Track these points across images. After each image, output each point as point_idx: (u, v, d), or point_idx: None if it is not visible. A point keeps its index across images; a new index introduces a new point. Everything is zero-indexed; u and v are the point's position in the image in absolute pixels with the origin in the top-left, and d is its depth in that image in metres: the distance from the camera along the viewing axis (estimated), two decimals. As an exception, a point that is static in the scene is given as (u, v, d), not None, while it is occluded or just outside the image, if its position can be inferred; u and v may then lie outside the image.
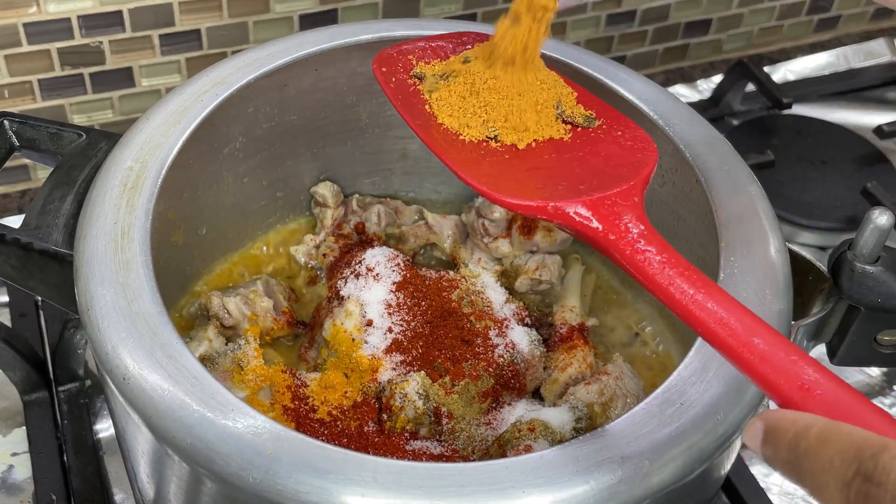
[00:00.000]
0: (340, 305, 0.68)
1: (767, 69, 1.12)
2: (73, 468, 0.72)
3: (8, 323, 0.81)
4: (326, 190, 0.79)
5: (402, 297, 0.68)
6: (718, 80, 1.09)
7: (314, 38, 0.72)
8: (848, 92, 1.12)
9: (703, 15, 1.13)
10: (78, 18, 0.86)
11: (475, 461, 0.60)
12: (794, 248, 0.63)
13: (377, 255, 0.71)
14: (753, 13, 1.15)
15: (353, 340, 0.66)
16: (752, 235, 0.61)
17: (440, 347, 0.66)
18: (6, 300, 0.83)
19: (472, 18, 1.00)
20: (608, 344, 0.73)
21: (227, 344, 0.67)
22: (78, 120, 0.93)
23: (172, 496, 0.54)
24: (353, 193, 0.81)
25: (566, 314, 0.71)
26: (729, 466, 0.58)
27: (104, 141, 0.66)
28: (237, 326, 0.69)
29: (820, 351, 0.67)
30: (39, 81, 0.89)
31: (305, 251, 0.77)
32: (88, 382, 0.77)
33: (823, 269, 0.63)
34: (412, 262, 0.74)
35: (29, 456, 0.73)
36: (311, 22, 0.94)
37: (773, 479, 0.76)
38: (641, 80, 0.71)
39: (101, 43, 0.89)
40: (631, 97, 0.69)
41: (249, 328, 0.69)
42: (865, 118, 1.08)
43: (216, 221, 0.74)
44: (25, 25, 0.85)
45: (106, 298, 0.55)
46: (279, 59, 0.70)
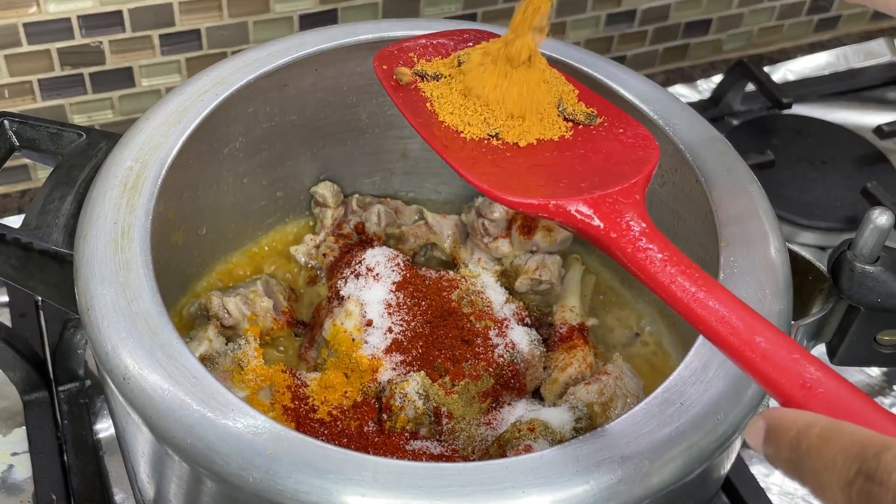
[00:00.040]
0: (340, 305, 0.68)
1: (767, 69, 1.12)
2: (73, 468, 0.72)
3: (8, 323, 0.81)
4: (326, 190, 0.79)
5: (402, 297, 0.68)
6: (718, 80, 1.09)
7: (314, 38, 0.72)
8: (848, 92, 1.12)
9: (703, 15, 1.13)
10: (78, 18, 0.86)
11: (475, 461, 0.60)
12: (794, 248, 0.63)
13: (377, 255, 0.71)
14: (753, 13, 1.15)
15: (353, 340, 0.66)
16: (752, 235, 0.61)
17: (440, 347, 0.66)
18: (6, 300, 0.83)
19: (472, 18, 1.00)
20: (608, 344, 0.73)
21: (227, 344, 0.67)
22: (78, 120, 0.93)
23: (172, 496, 0.54)
24: (353, 193, 0.81)
25: (566, 314, 0.71)
26: (729, 466, 0.58)
27: (104, 141, 0.66)
28: (237, 326, 0.69)
29: (820, 351, 0.67)
30: (39, 81, 0.89)
31: (305, 251, 0.77)
32: (88, 382, 0.77)
33: (823, 269, 0.63)
34: (412, 262, 0.74)
35: (29, 456, 0.73)
36: (311, 22, 0.94)
37: (773, 479, 0.76)
38: (641, 80, 0.71)
39: (101, 43, 0.89)
40: (631, 97, 0.69)
41: (249, 328, 0.69)
42: (865, 118, 1.08)
43: (216, 221, 0.74)
44: (25, 25, 0.85)
45: (106, 298, 0.55)
46: (279, 59, 0.70)
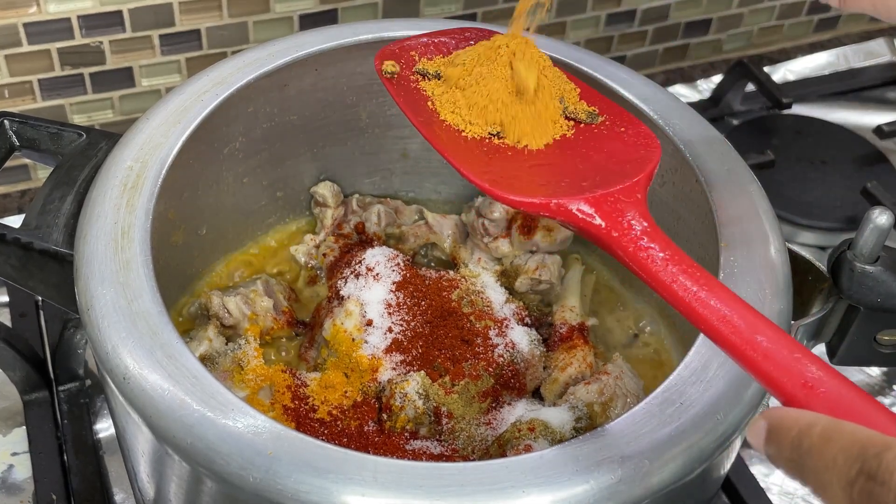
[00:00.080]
0: (340, 305, 0.68)
1: (767, 69, 1.12)
2: (73, 468, 0.72)
3: (8, 323, 0.81)
4: (326, 190, 0.79)
5: (402, 296, 0.68)
6: (718, 80, 1.09)
7: (314, 38, 0.72)
8: (848, 92, 1.12)
9: (703, 15, 1.13)
10: (78, 18, 0.86)
11: (475, 461, 0.60)
12: (794, 248, 0.63)
13: (377, 254, 0.71)
14: (753, 13, 1.15)
15: (353, 340, 0.66)
16: (752, 235, 0.61)
17: (440, 347, 0.66)
18: (6, 300, 0.83)
19: (472, 18, 1.00)
20: (608, 344, 0.73)
21: (227, 344, 0.67)
22: (78, 120, 0.93)
23: (172, 496, 0.54)
24: (353, 193, 0.81)
25: (566, 314, 0.71)
26: (729, 466, 0.58)
27: (104, 141, 0.66)
28: (237, 326, 0.69)
29: (820, 351, 0.67)
30: (39, 81, 0.89)
31: (305, 251, 0.77)
32: (88, 382, 0.77)
33: (823, 268, 0.63)
34: (412, 261, 0.74)
35: (29, 456, 0.73)
36: (311, 22, 0.94)
37: (773, 478, 0.76)
38: (641, 80, 0.71)
39: (101, 43, 0.89)
40: (631, 97, 0.69)
41: (249, 328, 0.69)
42: (865, 118, 1.08)
43: (216, 221, 0.74)
44: (25, 25, 0.85)
45: (106, 298, 0.55)
46: (279, 59, 0.70)
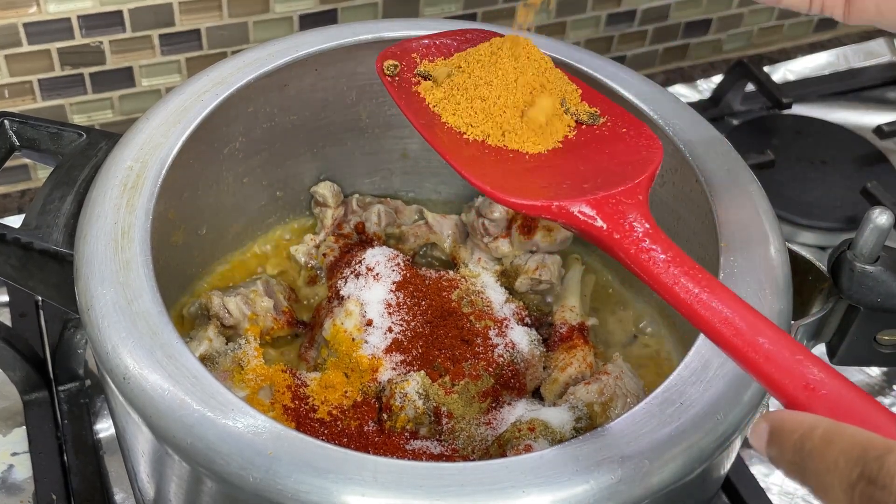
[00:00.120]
0: (340, 305, 0.68)
1: (767, 69, 1.12)
2: (73, 468, 0.72)
3: (8, 323, 0.81)
4: (326, 190, 0.79)
5: (402, 296, 0.68)
6: (718, 80, 1.09)
7: (314, 38, 0.72)
8: (848, 92, 1.12)
9: (703, 15, 1.13)
10: (78, 18, 0.86)
11: (475, 461, 0.60)
12: (794, 248, 0.63)
13: (377, 254, 0.71)
14: (753, 13, 1.15)
15: (353, 340, 0.66)
16: (752, 235, 0.61)
17: (440, 347, 0.66)
18: (6, 300, 0.83)
19: (472, 18, 1.00)
20: (608, 344, 0.73)
21: (227, 344, 0.67)
22: (78, 120, 0.93)
23: (172, 496, 0.54)
24: (353, 193, 0.81)
25: (566, 314, 0.71)
26: (729, 466, 0.58)
27: (104, 141, 0.66)
28: (237, 326, 0.69)
29: (820, 351, 0.67)
30: (39, 81, 0.89)
31: (305, 251, 0.77)
32: (88, 382, 0.77)
33: (823, 268, 0.63)
34: (412, 261, 0.74)
35: (29, 456, 0.73)
36: (311, 22, 0.94)
37: (773, 478, 0.76)
38: (641, 80, 0.71)
39: (101, 43, 0.89)
40: (631, 97, 0.69)
41: (249, 328, 0.69)
42: (865, 118, 1.08)
43: (216, 221, 0.74)
44: (25, 25, 0.85)
45: (106, 298, 0.55)
46: (279, 59, 0.70)
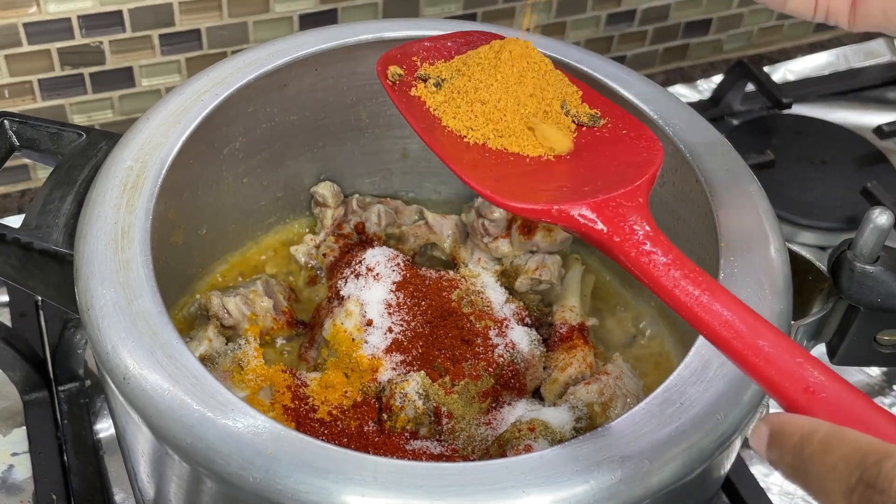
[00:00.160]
0: (340, 305, 0.68)
1: (767, 69, 1.12)
2: (73, 468, 0.72)
3: (8, 323, 0.81)
4: (326, 190, 0.79)
5: (402, 296, 0.68)
6: (718, 80, 1.09)
7: (314, 38, 0.72)
8: (848, 92, 1.12)
9: (703, 15, 1.13)
10: (78, 18, 0.86)
11: (475, 461, 0.60)
12: (794, 248, 0.63)
13: (377, 254, 0.71)
14: (753, 13, 1.15)
15: (353, 340, 0.66)
16: (752, 235, 0.61)
17: (440, 347, 0.66)
18: (6, 300, 0.83)
19: (472, 18, 1.00)
20: (608, 344, 0.73)
21: (227, 344, 0.67)
22: (78, 120, 0.93)
23: (172, 496, 0.54)
24: (353, 193, 0.81)
25: (566, 314, 0.71)
26: (729, 466, 0.58)
27: (104, 141, 0.66)
28: (237, 326, 0.69)
29: (820, 351, 0.67)
30: (39, 81, 0.89)
31: (305, 251, 0.77)
32: (88, 382, 0.77)
33: (823, 268, 0.63)
34: (412, 262, 0.74)
35: (29, 456, 0.73)
36: (311, 22, 0.94)
37: (773, 479, 0.76)
38: (641, 80, 0.71)
39: (101, 43, 0.89)
40: (631, 97, 0.69)
41: (249, 328, 0.69)
42: (865, 118, 1.08)
43: (216, 221, 0.74)
44: (25, 25, 0.85)
45: (106, 298, 0.55)
46: (279, 59, 0.70)
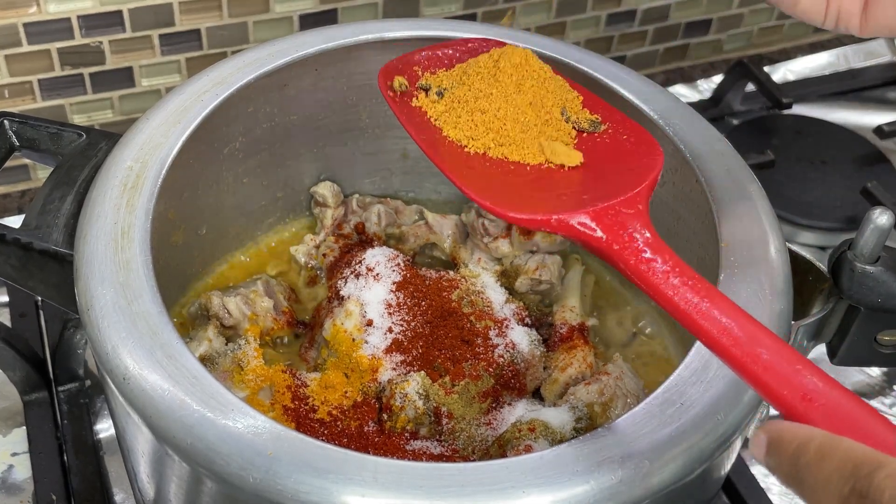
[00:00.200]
0: (340, 305, 0.68)
1: (767, 69, 1.12)
2: (73, 468, 0.72)
3: (8, 323, 0.80)
4: (326, 190, 0.79)
5: (402, 297, 0.68)
6: (718, 80, 1.09)
7: (314, 38, 0.72)
8: (848, 92, 1.12)
9: (703, 15, 1.13)
10: (78, 18, 0.86)
11: (475, 461, 0.60)
12: (794, 248, 0.63)
13: (377, 255, 0.71)
14: (753, 13, 1.15)
15: (353, 340, 0.66)
16: (752, 235, 0.61)
17: (440, 347, 0.66)
18: (6, 300, 0.83)
19: (472, 18, 1.00)
20: (608, 344, 0.73)
21: (227, 344, 0.67)
22: (78, 120, 0.93)
23: (172, 496, 0.54)
24: (353, 193, 0.81)
25: (566, 314, 0.71)
26: (729, 466, 0.58)
27: (104, 141, 0.66)
28: (237, 326, 0.69)
29: (820, 351, 0.67)
30: (39, 81, 0.89)
31: (305, 251, 0.77)
32: (88, 382, 0.77)
33: (823, 269, 0.63)
34: (412, 262, 0.74)
35: (29, 456, 0.73)
36: (311, 22, 0.94)
37: (773, 479, 0.76)
38: (641, 80, 0.71)
39: (101, 43, 0.89)
40: (631, 97, 0.69)
41: (249, 328, 0.69)
42: (865, 118, 1.08)
43: (216, 221, 0.74)
44: (25, 25, 0.85)
45: (106, 298, 0.55)
46: (279, 59, 0.70)
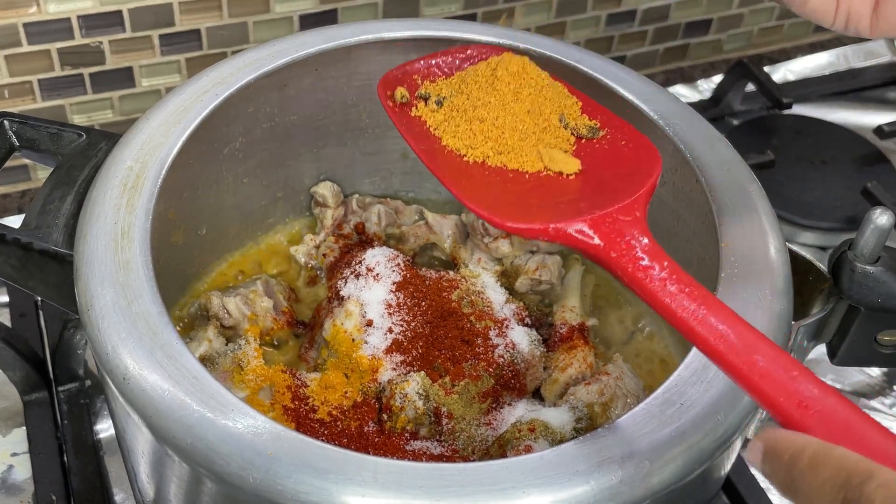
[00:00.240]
0: (340, 305, 0.68)
1: (767, 69, 1.12)
2: (73, 468, 0.72)
3: (8, 323, 0.81)
4: (326, 190, 0.79)
5: (402, 297, 0.68)
6: (718, 80, 1.09)
7: (314, 38, 0.72)
8: (848, 92, 1.12)
9: (703, 15, 1.13)
10: (78, 18, 0.86)
11: (475, 461, 0.60)
12: (794, 248, 0.63)
13: (377, 255, 0.71)
14: (753, 13, 1.15)
15: (353, 340, 0.66)
16: (752, 235, 0.61)
17: (440, 347, 0.66)
18: (6, 300, 0.83)
19: (472, 18, 1.00)
20: (608, 344, 0.73)
21: (227, 344, 0.67)
22: (78, 120, 0.93)
23: (172, 496, 0.54)
24: (353, 193, 0.81)
25: (566, 314, 0.71)
26: (729, 466, 0.58)
27: (104, 141, 0.66)
28: (237, 326, 0.69)
29: (820, 351, 0.67)
30: (39, 81, 0.89)
31: (305, 251, 0.77)
32: (88, 382, 0.77)
33: (823, 269, 0.63)
34: (412, 262, 0.74)
35: (29, 456, 0.73)
36: (311, 22, 0.94)
37: (773, 479, 0.76)
38: (641, 80, 0.71)
39: (101, 43, 0.89)
40: (631, 97, 0.69)
41: (249, 328, 0.69)
42: (865, 118, 1.08)
43: (216, 221, 0.74)
44: (25, 25, 0.85)
45: (106, 298, 0.55)
46: (279, 59, 0.70)
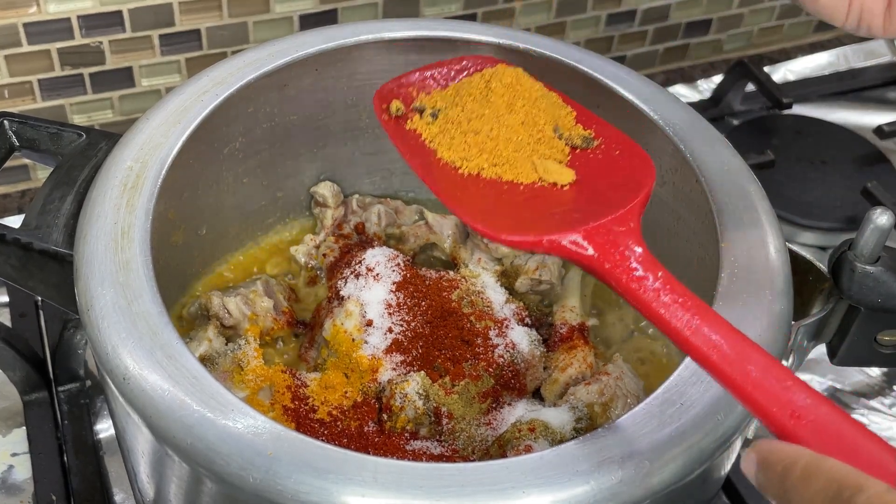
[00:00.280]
0: (340, 305, 0.68)
1: (767, 69, 1.12)
2: (73, 468, 0.72)
3: (8, 323, 0.80)
4: (326, 190, 0.79)
5: (402, 297, 0.68)
6: (718, 80, 1.09)
7: (314, 38, 0.72)
8: (848, 92, 1.12)
9: (703, 15, 1.13)
10: (78, 18, 0.86)
11: (475, 461, 0.60)
12: (794, 248, 0.63)
13: (377, 255, 0.71)
14: (753, 13, 1.15)
15: (353, 340, 0.66)
16: (752, 235, 0.61)
17: (440, 347, 0.66)
18: (6, 300, 0.83)
19: (472, 18, 1.00)
20: (608, 344, 0.73)
21: (227, 344, 0.67)
22: (78, 120, 0.93)
23: (172, 496, 0.54)
24: (353, 193, 0.81)
25: (566, 314, 0.71)
26: (729, 466, 0.58)
27: (104, 141, 0.66)
28: (237, 326, 0.69)
29: (820, 351, 0.67)
30: (39, 81, 0.89)
31: (305, 251, 0.77)
32: (88, 382, 0.77)
33: (823, 269, 0.63)
34: (412, 262, 0.74)
35: (29, 456, 0.73)
36: (311, 22, 0.94)
37: (773, 479, 0.76)
38: (641, 80, 0.71)
39: (101, 43, 0.89)
40: (631, 97, 0.69)
41: (249, 328, 0.69)
42: (865, 118, 1.08)
43: (216, 221, 0.74)
44: (25, 25, 0.85)
45: (106, 298, 0.55)
46: (279, 59, 0.70)
